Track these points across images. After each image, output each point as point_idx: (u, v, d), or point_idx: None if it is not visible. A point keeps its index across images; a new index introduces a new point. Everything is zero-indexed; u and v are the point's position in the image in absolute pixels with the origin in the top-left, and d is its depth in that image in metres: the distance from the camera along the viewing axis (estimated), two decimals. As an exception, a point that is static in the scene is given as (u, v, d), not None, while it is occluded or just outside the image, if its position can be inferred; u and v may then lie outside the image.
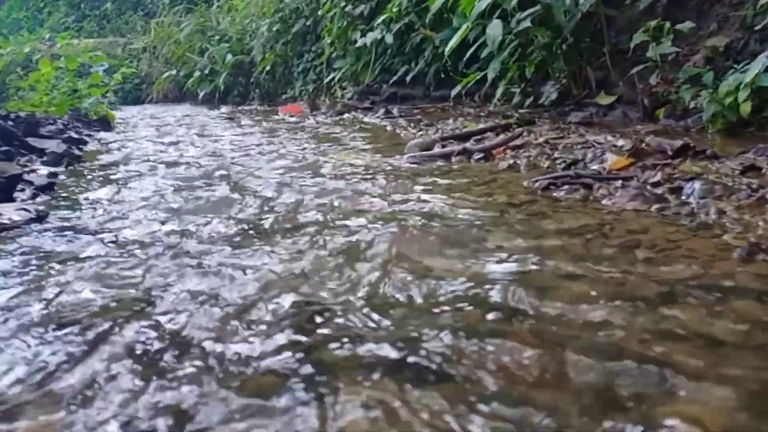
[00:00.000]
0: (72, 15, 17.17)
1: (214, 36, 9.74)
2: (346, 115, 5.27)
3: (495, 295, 1.09)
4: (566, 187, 1.75)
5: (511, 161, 2.27)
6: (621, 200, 1.60)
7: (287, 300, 1.11)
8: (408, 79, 5.49)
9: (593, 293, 1.08)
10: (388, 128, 3.86)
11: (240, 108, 8.06)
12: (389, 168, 2.45)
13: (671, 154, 1.90)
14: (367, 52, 6.10)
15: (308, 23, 7.46)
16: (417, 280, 1.17)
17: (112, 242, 1.62)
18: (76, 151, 3.54)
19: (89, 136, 4.78)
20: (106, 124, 5.56)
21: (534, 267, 1.21)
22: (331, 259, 1.34)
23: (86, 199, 2.23)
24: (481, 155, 2.38)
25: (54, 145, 3.51)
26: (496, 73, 4.35)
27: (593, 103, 3.69)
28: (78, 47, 10.68)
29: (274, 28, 7.91)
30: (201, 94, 9.13)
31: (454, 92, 4.16)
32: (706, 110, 2.56)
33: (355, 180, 2.20)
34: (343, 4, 6.17)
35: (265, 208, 1.88)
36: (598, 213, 1.56)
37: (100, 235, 1.69)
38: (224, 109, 8.01)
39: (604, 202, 1.65)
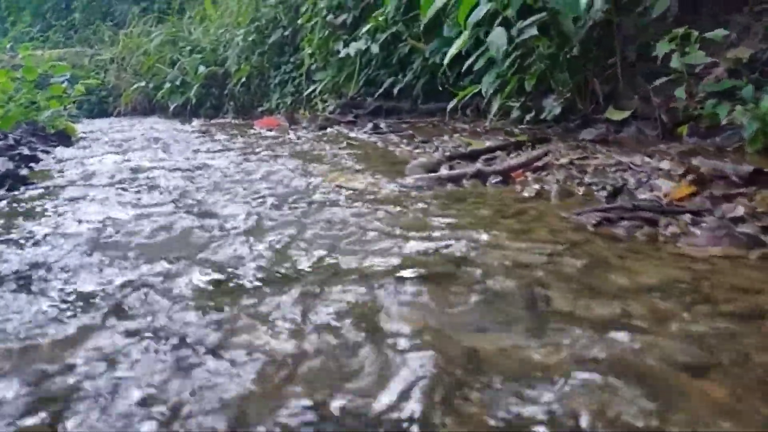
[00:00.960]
0: (37, 25, 16.53)
1: (186, 46, 9.31)
2: (329, 130, 4.90)
3: (587, 406, 0.73)
4: (624, 222, 1.41)
5: (537, 186, 1.92)
6: (702, 242, 1.26)
7: (280, 420, 0.73)
8: (395, 91, 5.15)
9: (740, 405, 0.73)
10: (379, 145, 3.50)
11: (213, 121, 7.63)
12: (392, 193, 2.08)
13: (739, 181, 1.58)
14: (350, 63, 5.77)
15: (286, 33, 7.11)
16: (465, 376, 0.81)
17: (41, 299, 1.22)
18: (24, 171, 3.10)
19: (45, 152, 4.32)
20: (65, 139, 5.10)
21: (633, 351, 0.86)
22: (335, 338, 0.96)
23: (21, 233, 1.81)
24: (499, 178, 2.03)
25: (-2, 164, 3.06)
26: (492, 86, 4.05)
27: (601, 118, 3.39)
28: (41, 58, 10.14)
29: (250, 38, 7.53)
30: (171, 107, 8.67)
31: (450, 106, 3.83)
32: (747, 128, 2.26)
33: (353, 210, 1.83)
34: (324, 13, 5.83)
35: (244, 250, 1.50)
36: (679, 260, 1.21)
37: (27, 288, 1.28)
38: (196, 122, 7.56)
39: (679, 244, 1.30)
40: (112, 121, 9.13)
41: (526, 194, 1.87)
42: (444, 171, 2.26)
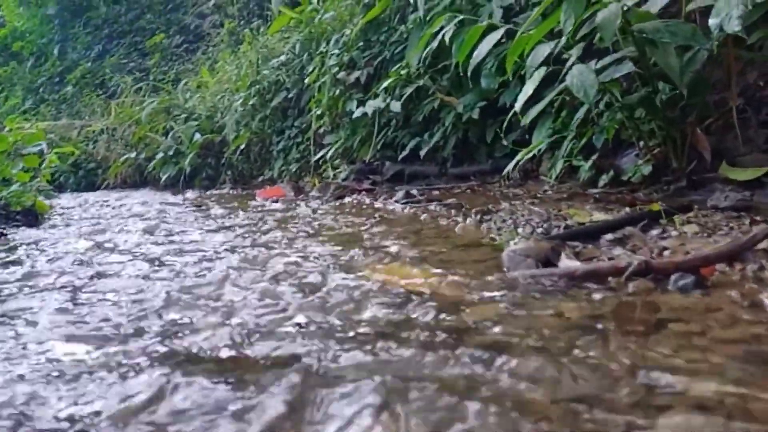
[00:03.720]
0: (29, 99, 16.13)
1: (181, 115, 8.69)
2: (347, 199, 4.14)
3: None
4: None
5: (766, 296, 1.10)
6: None
7: None
8: (422, 154, 4.43)
9: None
10: (424, 218, 2.71)
11: (209, 193, 6.89)
12: (502, 304, 1.26)
13: None
14: (364, 124, 5.08)
15: (290, 96, 6.49)
16: None
17: None
18: (-53, 268, 2.26)
19: (1, 235, 3.50)
20: (32, 217, 4.29)
21: None
22: None
23: None
24: (690, 279, 1.21)
25: None
26: (546, 142, 3.33)
27: (713, 178, 2.63)
28: (28, 130, 9.51)
29: (250, 103, 6.91)
30: (163, 178, 7.94)
31: (510, 167, 3.04)
32: None
33: (452, 356, 1.00)
34: (335, 70, 5.20)
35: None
36: None
37: None
38: (190, 194, 6.83)
39: None
40: (98, 195, 8.39)
41: (758, 315, 1.04)
42: (570, 262, 1.45)
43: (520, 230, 2.03)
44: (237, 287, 1.61)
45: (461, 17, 3.36)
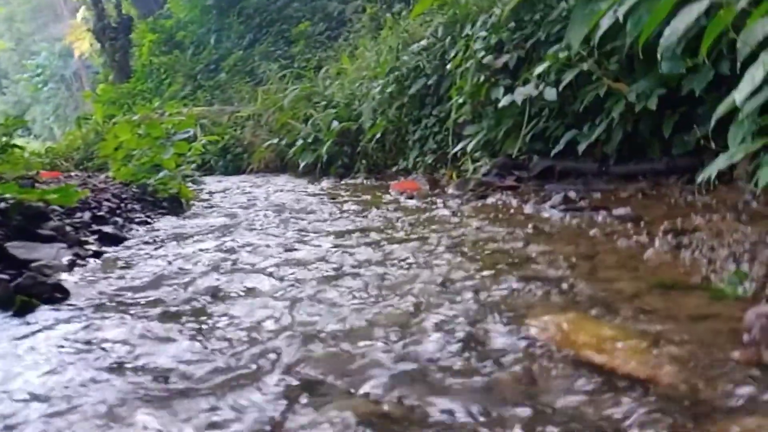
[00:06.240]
0: (188, 86, 17.46)
1: (321, 102, 8.72)
2: (490, 200, 3.70)
3: None
4: None
5: None
6: None
7: None
8: (581, 148, 3.85)
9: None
10: (593, 234, 2.21)
11: (343, 181, 6.80)
12: (761, 418, 0.79)
13: None
14: (511, 114, 4.57)
15: (430, 83, 6.12)
16: None
17: None
18: (65, 274, 2.20)
19: (145, 223, 3.55)
20: (177, 204, 4.38)
21: None
22: None
23: None
24: None
25: (50, 254, 2.21)
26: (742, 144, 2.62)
27: None
28: (185, 114, 10.13)
29: (388, 90, 6.66)
30: (302, 165, 8.01)
31: (712, 172, 2.37)
32: None
33: None
34: (481, 54, 4.73)
35: None
36: None
37: None
38: (325, 183, 6.78)
39: None
40: (242, 179, 8.71)
41: None
42: None
43: (745, 268, 1.48)
44: (356, 331, 1.28)
45: (646, -14, 2.75)
